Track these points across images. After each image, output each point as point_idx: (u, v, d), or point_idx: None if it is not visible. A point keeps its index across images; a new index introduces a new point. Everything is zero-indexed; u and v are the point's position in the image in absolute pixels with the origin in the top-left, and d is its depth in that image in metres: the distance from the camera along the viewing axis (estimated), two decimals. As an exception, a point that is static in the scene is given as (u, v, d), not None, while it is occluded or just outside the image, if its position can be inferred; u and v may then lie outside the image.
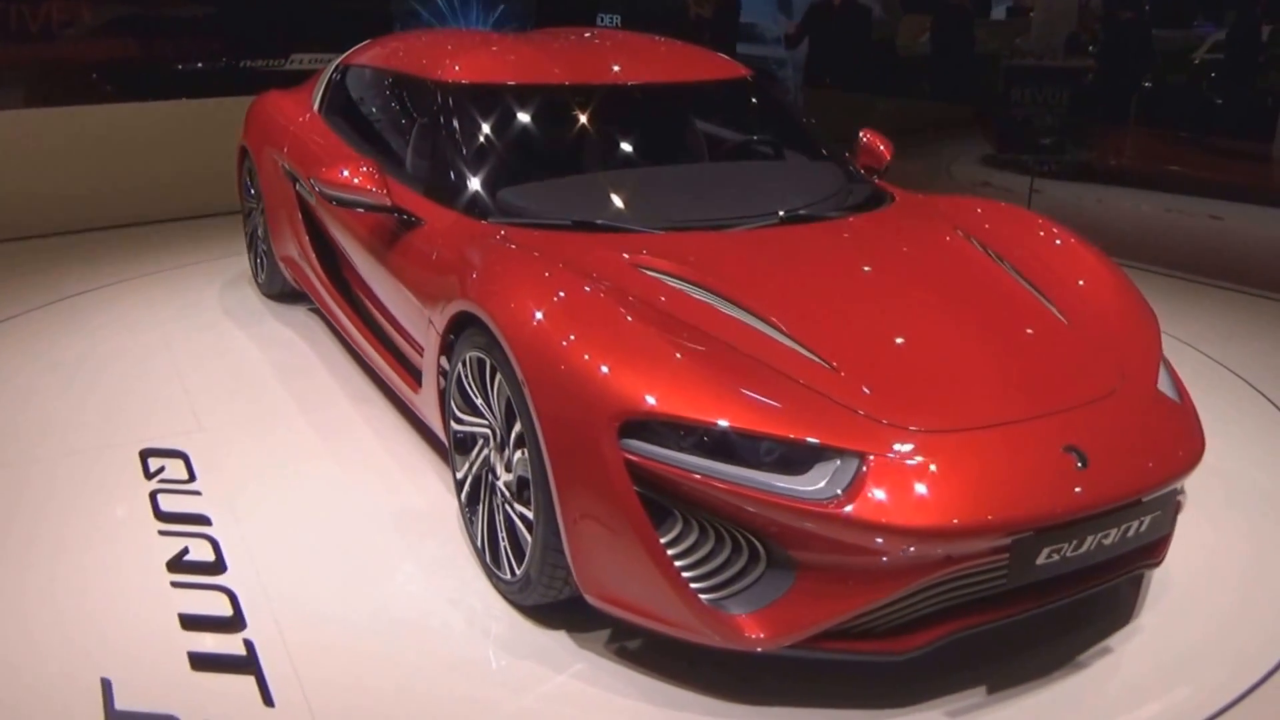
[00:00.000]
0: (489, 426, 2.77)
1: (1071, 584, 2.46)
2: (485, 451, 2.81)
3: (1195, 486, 2.73)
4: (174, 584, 2.86)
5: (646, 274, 2.76)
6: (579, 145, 3.49)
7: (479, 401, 2.80)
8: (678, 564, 2.29)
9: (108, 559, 2.96)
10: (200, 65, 6.59)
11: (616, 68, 3.73)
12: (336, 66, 4.55)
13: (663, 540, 2.29)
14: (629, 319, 2.48)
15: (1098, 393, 2.59)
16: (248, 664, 2.55)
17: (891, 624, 2.32)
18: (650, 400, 2.29)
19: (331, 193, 3.25)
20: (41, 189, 6.09)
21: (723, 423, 2.26)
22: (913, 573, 2.23)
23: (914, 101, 9.08)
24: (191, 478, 3.43)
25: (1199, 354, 4.69)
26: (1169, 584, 2.90)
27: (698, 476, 2.24)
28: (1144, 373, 2.74)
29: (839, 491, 2.22)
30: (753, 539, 2.29)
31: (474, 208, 3.20)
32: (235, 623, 2.70)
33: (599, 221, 3.07)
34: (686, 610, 2.29)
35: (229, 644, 2.62)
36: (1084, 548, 2.34)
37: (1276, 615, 2.81)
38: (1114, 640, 2.67)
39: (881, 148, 3.98)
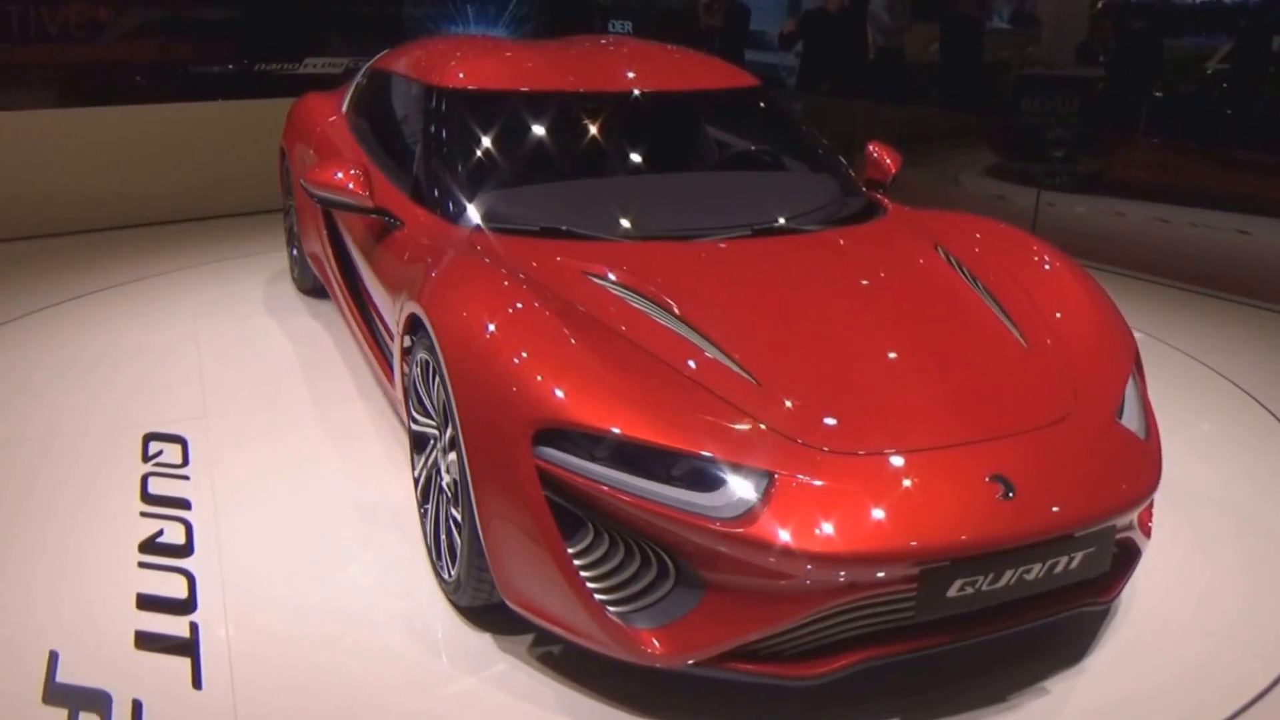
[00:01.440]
0: (436, 427, 2.81)
1: (999, 618, 2.37)
2: (435, 453, 2.86)
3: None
4: (140, 564, 2.98)
5: (593, 281, 2.76)
6: (560, 152, 3.50)
7: (428, 403, 2.85)
8: (586, 574, 2.29)
9: (86, 536, 3.11)
10: (215, 69, 6.85)
11: (610, 75, 3.75)
12: (364, 70, 4.68)
13: (573, 550, 2.29)
14: (556, 327, 2.49)
15: (1042, 420, 2.49)
16: (188, 646, 2.64)
17: (801, 648, 2.27)
18: (563, 409, 2.29)
19: (318, 193, 3.34)
20: (84, 186, 6.34)
21: (633, 435, 2.25)
22: (816, 598, 2.18)
23: (921, 109, 8.94)
24: (185, 463, 3.57)
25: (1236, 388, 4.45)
26: (1138, 617, 2.76)
27: (606, 488, 2.23)
28: (1102, 403, 2.62)
29: (743, 511, 2.18)
30: (663, 554, 2.27)
31: (448, 211, 3.25)
32: (186, 605, 2.80)
33: (565, 228, 3.08)
34: (590, 621, 2.29)
35: (175, 625, 2.72)
36: (1002, 582, 2.25)
37: (1258, 645, 2.65)
38: (1059, 678, 2.56)
39: (888, 161, 3.89)
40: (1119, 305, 3.10)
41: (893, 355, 2.64)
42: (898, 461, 2.31)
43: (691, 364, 2.47)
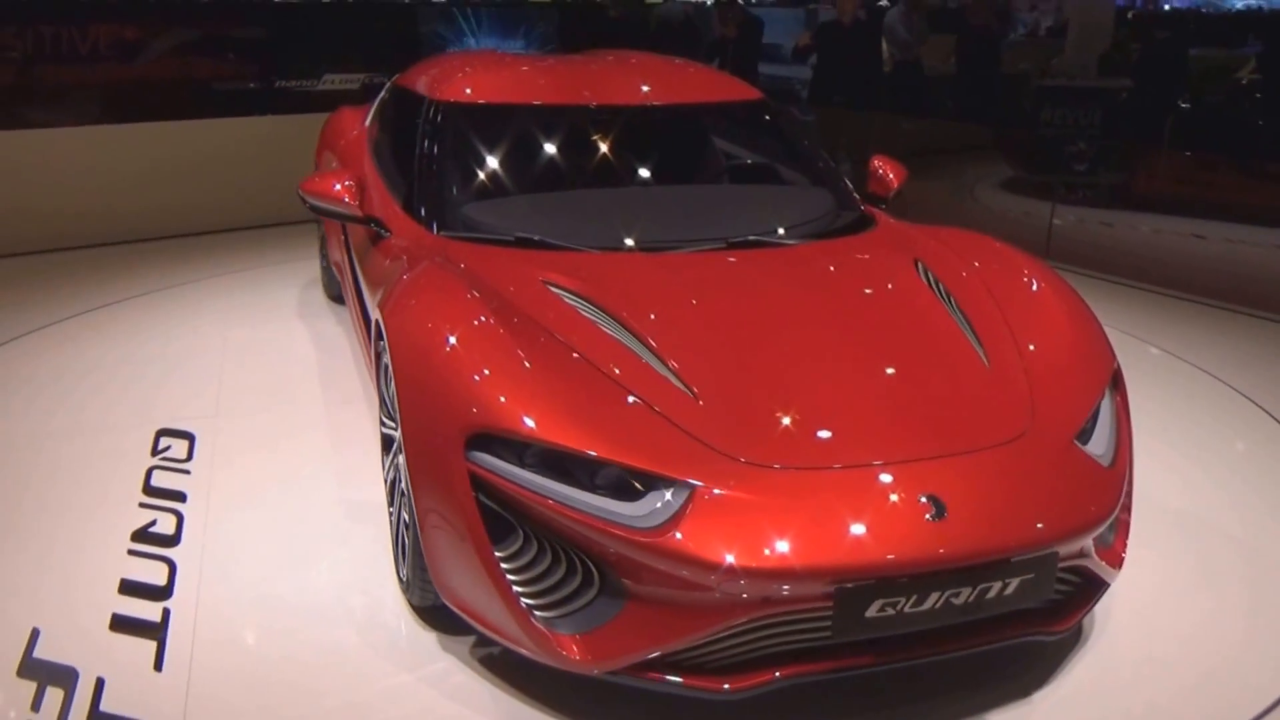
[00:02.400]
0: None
1: (934, 642, 2.36)
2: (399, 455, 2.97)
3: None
4: (130, 551, 3.16)
5: (550, 291, 2.84)
6: (546, 164, 3.60)
7: (390, 407, 2.96)
8: (514, 578, 2.36)
9: (84, 523, 3.30)
10: (237, 86, 7.13)
11: (605, 89, 3.83)
12: (388, 85, 4.86)
13: (502, 554, 2.36)
14: (499, 336, 2.57)
15: (990, 441, 2.48)
16: (156, 630, 2.79)
17: (723, 662, 2.31)
18: (495, 416, 2.37)
19: (311, 201, 3.49)
20: (120, 199, 6.61)
21: (559, 443, 2.32)
22: (731, 611, 2.21)
23: (938, 122, 8.93)
24: (189, 458, 3.76)
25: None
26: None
27: (532, 494, 2.30)
28: (1061, 425, 2.59)
29: (660, 521, 2.23)
30: (589, 562, 2.33)
31: (429, 220, 3.37)
32: (164, 592, 2.96)
33: (538, 239, 3.17)
34: (514, 624, 2.36)
35: (149, 610, 2.88)
36: (927, 605, 2.24)
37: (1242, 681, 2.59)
38: (1020, 705, 2.53)
39: (890, 175, 3.90)
40: (1144, 322, 3.04)
41: (842, 371, 2.66)
42: (825, 478, 2.33)
43: (629, 374, 2.53)
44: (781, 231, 3.35)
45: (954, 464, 2.40)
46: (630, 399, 2.46)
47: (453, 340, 2.57)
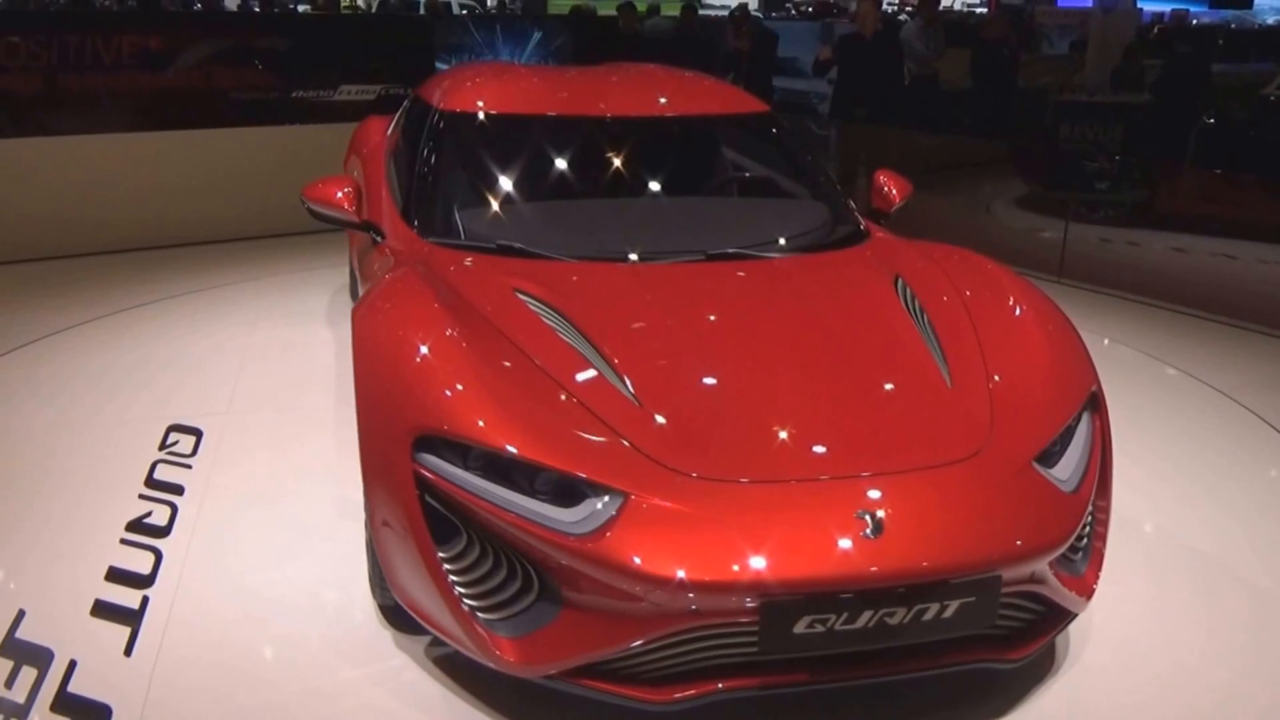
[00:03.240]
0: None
1: (875, 663, 2.34)
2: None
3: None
4: (122, 540, 3.28)
5: (517, 297, 2.88)
6: (538, 173, 3.64)
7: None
8: (456, 579, 2.40)
9: (84, 512, 3.44)
10: (256, 96, 7.32)
11: (606, 99, 3.86)
12: (410, 94, 4.97)
13: (446, 555, 2.40)
14: (453, 342, 2.61)
15: (938, 460, 2.45)
16: (133, 617, 2.89)
17: (658, 672, 2.31)
18: (441, 418, 2.42)
19: (311, 206, 3.59)
20: (145, 206, 6.75)
21: (501, 448, 2.35)
22: (659, 621, 2.22)
23: (956, 137, 8.84)
24: (194, 453, 3.89)
25: None
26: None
27: (471, 495, 2.34)
28: (1020, 448, 2.54)
29: (593, 528, 2.25)
30: (529, 567, 2.36)
31: (421, 226, 3.44)
32: (146, 580, 3.07)
33: (517, 246, 3.22)
34: (455, 624, 2.40)
35: (130, 597, 2.98)
36: (859, 624, 2.22)
37: None
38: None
39: (893, 190, 3.86)
40: (1164, 341, 2.93)
41: (796, 387, 2.65)
42: (763, 491, 2.32)
43: (579, 382, 2.56)
44: (764, 245, 3.34)
45: (898, 481, 2.37)
46: (576, 406, 2.48)
47: (410, 346, 2.62)
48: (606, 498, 2.29)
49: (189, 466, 3.78)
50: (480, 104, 3.84)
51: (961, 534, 2.31)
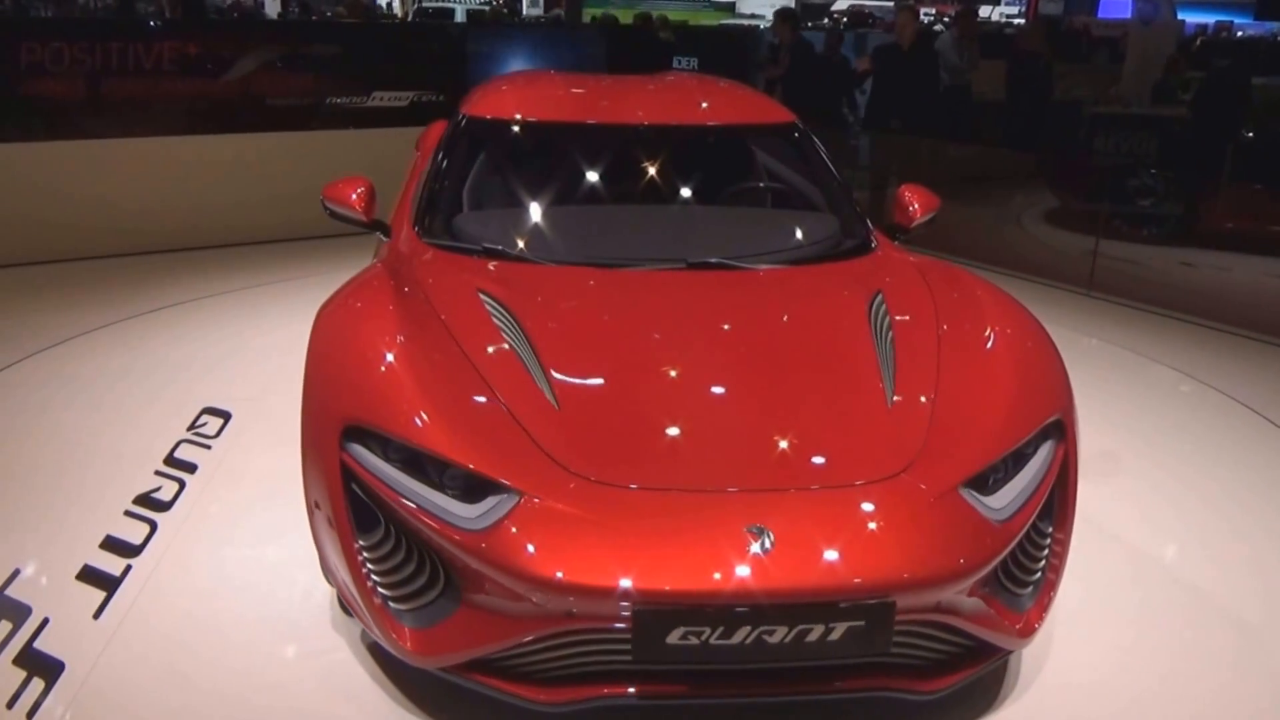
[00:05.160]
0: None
1: (762, 682, 2.30)
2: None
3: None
4: (126, 512, 3.48)
5: (477, 298, 2.92)
6: (541, 179, 3.65)
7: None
8: (371, 568, 2.45)
9: (99, 483, 3.66)
10: (291, 102, 7.53)
11: (627, 108, 3.86)
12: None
13: (364, 543, 2.46)
14: (391, 339, 2.67)
15: (849, 479, 2.37)
16: (112, 584, 3.06)
17: (548, 673, 2.31)
18: (365, 410, 2.49)
19: (328, 205, 3.72)
20: (192, 206, 6.91)
21: (413, 441, 2.40)
22: (538, 622, 2.23)
23: (989, 149, 8.56)
24: (218, 435, 4.09)
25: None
26: None
27: (383, 486, 2.39)
28: (949, 471, 2.42)
29: (486, 525, 2.27)
30: (437, 560, 2.39)
31: (420, 227, 3.52)
32: (136, 550, 3.25)
33: (501, 248, 3.26)
34: (366, 611, 2.45)
35: (115, 565, 3.16)
36: (735, 639, 2.16)
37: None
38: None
39: (915, 206, 3.72)
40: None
41: (723, 398, 2.63)
42: (655, 499, 2.30)
43: (506, 382, 2.58)
44: (752, 256, 3.28)
45: (797, 498, 2.31)
46: (496, 406, 2.50)
47: (355, 340, 2.70)
48: (503, 496, 2.30)
49: (208, 447, 3.98)
50: (495, 110, 3.90)
51: (856, 556, 2.22)
